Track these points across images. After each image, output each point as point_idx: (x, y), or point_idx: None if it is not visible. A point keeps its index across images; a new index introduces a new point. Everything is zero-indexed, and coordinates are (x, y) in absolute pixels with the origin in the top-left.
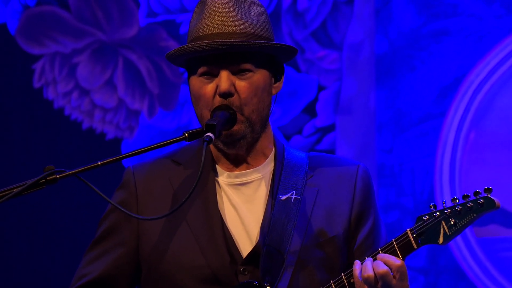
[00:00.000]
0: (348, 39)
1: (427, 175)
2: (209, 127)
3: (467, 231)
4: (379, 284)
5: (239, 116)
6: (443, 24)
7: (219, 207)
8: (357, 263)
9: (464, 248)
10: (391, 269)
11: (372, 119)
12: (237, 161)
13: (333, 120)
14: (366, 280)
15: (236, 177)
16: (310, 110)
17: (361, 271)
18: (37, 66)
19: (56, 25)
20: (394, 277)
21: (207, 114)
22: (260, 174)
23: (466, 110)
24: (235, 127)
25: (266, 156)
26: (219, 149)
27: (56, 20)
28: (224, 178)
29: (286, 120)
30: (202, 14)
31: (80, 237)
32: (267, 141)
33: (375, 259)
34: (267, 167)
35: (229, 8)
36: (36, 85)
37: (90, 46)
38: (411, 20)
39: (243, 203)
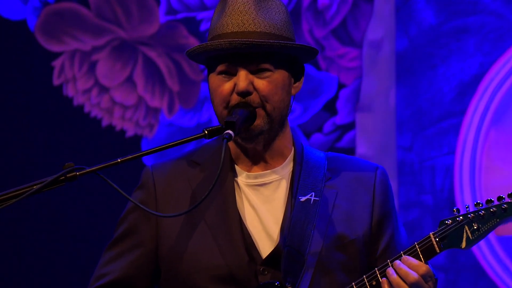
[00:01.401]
0: (368, 36)
1: (447, 173)
2: (229, 124)
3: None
4: None
5: (259, 112)
6: (463, 21)
7: (238, 207)
8: (389, 266)
9: (485, 246)
10: (421, 273)
11: (392, 117)
12: (256, 162)
13: (353, 118)
14: (398, 286)
15: (255, 177)
16: (330, 108)
17: (395, 277)
18: (57, 64)
19: (75, 22)
20: (428, 281)
21: (224, 112)
22: (279, 175)
23: (486, 108)
24: (256, 123)
25: (285, 157)
26: (238, 145)
27: (75, 17)
28: (243, 178)
29: (306, 117)
30: (223, 12)
31: (98, 236)
32: (285, 141)
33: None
34: (286, 168)
35: (249, 7)
36: (56, 82)
37: (110, 43)
38: (431, 18)
39: (262, 204)
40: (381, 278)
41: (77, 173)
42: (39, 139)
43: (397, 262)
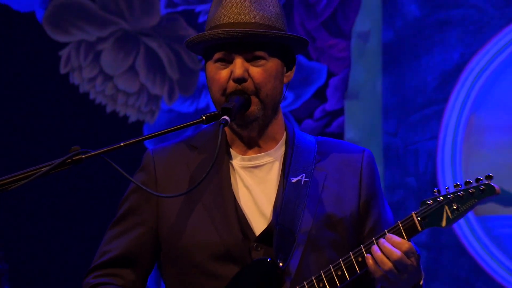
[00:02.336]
0: (356, 28)
1: (429, 156)
2: (225, 111)
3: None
4: (399, 267)
5: (253, 99)
6: (445, 14)
7: (233, 188)
8: (374, 244)
9: (465, 226)
10: (403, 250)
11: (378, 104)
12: (250, 145)
13: (342, 105)
14: (382, 262)
15: (249, 160)
16: (320, 95)
17: (379, 254)
18: (64, 53)
19: (81, 14)
20: (411, 258)
21: (220, 98)
22: (272, 158)
23: (467, 96)
24: (250, 109)
25: (277, 141)
26: (233, 131)
27: (81, 9)
28: (238, 161)
29: (298, 104)
30: (220, 5)
31: (101, 216)
32: (278, 127)
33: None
34: (279, 151)
35: (245, 1)
36: (63, 71)
37: (114, 34)
38: (416, 11)
39: (256, 185)
40: (366, 254)
41: (83, 156)
42: (46, 125)
43: (382, 240)
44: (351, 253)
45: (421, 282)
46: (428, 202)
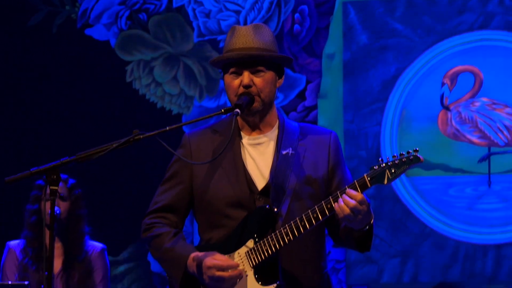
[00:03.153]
0: (325, 51)
1: (375, 137)
2: (237, 106)
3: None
4: (355, 211)
5: (256, 98)
6: (385, 42)
7: (243, 158)
8: (339, 197)
9: (399, 183)
10: (358, 200)
11: (340, 102)
12: (254, 129)
13: (316, 102)
14: (344, 208)
15: (254, 139)
16: (301, 96)
17: (341, 203)
18: (129, 68)
19: (140, 41)
20: (363, 205)
21: (234, 98)
22: (269, 138)
23: (400, 96)
24: (254, 105)
25: (272, 126)
26: (243, 120)
27: (140, 38)
28: (246, 140)
29: (286, 102)
30: (233, 36)
31: (152, 179)
32: (273, 116)
33: (345, 193)
34: (274, 133)
35: (250, 33)
36: (128, 79)
37: (162, 55)
38: (365, 40)
39: (258, 156)
40: (334, 203)
41: (141, 136)
42: (115, 118)
43: (343, 194)
44: (322, 202)
45: (371, 221)
46: (374, 167)
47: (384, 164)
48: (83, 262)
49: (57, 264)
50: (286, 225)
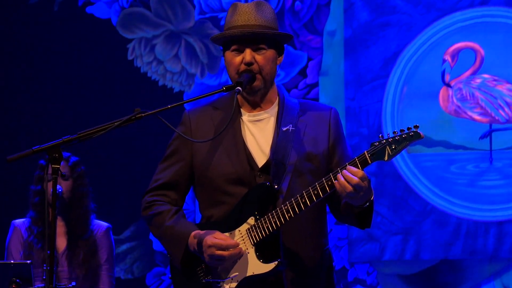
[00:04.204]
0: (326, 28)
1: (376, 114)
2: (239, 83)
3: (403, 150)
4: (357, 188)
5: (258, 76)
6: (386, 19)
7: (243, 135)
8: (339, 173)
9: (400, 160)
10: (359, 177)
11: (341, 79)
12: (254, 106)
13: (317, 80)
14: (344, 185)
15: (254, 116)
16: (302, 73)
17: (342, 179)
18: (130, 46)
19: (142, 19)
20: (364, 181)
21: (235, 76)
22: (269, 114)
23: (401, 73)
24: (255, 83)
25: (272, 102)
26: (243, 97)
27: (142, 16)
28: (246, 117)
29: (288, 79)
30: (234, 13)
31: (153, 157)
32: (273, 93)
33: (346, 170)
34: (274, 109)
35: (251, 9)
36: (130, 57)
37: (164, 33)
38: (367, 16)
39: (259, 133)
40: (334, 180)
41: (143, 114)
42: (118, 96)
43: (344, 170)
44: (323, 178)
45: (371, 198)
46: (375, 143)
47: (384, 140)
48: (88, 240)
49: (62, 243)
50: (287, 202)
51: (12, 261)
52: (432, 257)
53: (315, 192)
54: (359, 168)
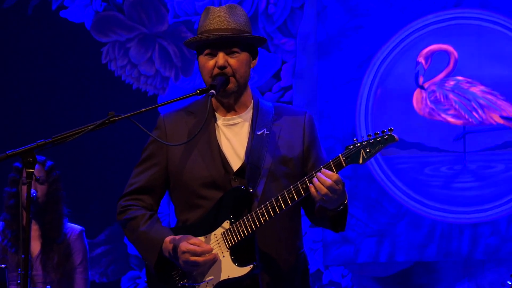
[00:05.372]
0: (300, 31)
1: (350, 116)
2: (212, 87)
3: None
4: (331, 191)
5: (232, 79)
6: (360, 21)
7: (218, 139)
8: (314, 177)
9: (374, 162)
10: (333, 180)
11: (315, 81)
12: (229, 110)
13: (291, 83)
14: (319, 188)
15: (229, 120)
16: (276, 76)
17: (317, 182)
18: (104, 49)
19: (115, 23)
20: (338, 185)
21: (209, 79)
22: (243, 118)
23: (375, 75)
24: (229, 86)
25: (247, 106)
26: (217, 100)
27: (115, 20)
28: (221, 121)
29: (262, 82)
30: (207, 17)
31: (128, 161)
32: (247, 97)
33: (321, 173)
34: (248, 113)
35: (224, 13)
36: (103, 61)
37: (137, 36)
38: (339, 19)
39: (233, 137)
40: (309, 183)
41: (116, 118)
42: (90, 99)
43: (319, 173)
44: (298, 182)
45: (345, 201)
46: (350, 147)
47: (359, 144)
48: (62, 244)
49: (36, 247)
50: (262, 205)
51: None
52: (407, 259)
53: (290, 196)
54: (333, 172)
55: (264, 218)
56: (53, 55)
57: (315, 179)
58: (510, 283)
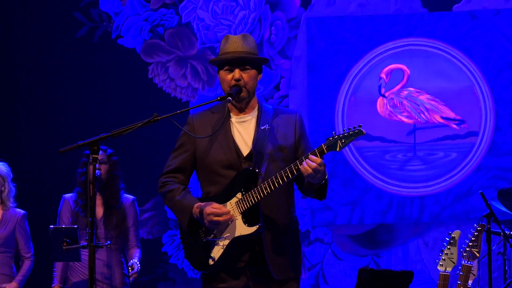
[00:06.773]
0: (294, 54)
1: (331, 117)
2: (229, 95)
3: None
4: (316, 171)
5: (244, 89)
6: (337, 47)
7: (232, 132)
8: (303, 160)
9: (348, 151)
10: (318, 163)
11: (305, 92)
12: (241, 111)
13: (287, 92)
14: (307, 169)
15: (240, 118)
16: (276, 87)
17: (305, 165)
18: (150, 68)
19: (158, 48)
20: (321, 166)
21: (227, 89)
22: (251, 117)
23: (349, 87)
24: (242, 94)
25: (254, 108)
26: (232, 104)
27: (158, 46)
28: (234, 119)
29: (266, 92)
30: (226, 42)
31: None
32: (254, 101)
33: (308, 158)
34: (255, 113)
35: (239, 40)
36: (149, 76)
37: (174, 58)
38: (323, 46)
39: (244, 130)
40: (300, 165)
41: (159, 118)
42: (140, 105)
43: (307, 158)
44: (292, 164)
45: (326, 177)
46: (330, 138)
47: (336, 136)
48: (119, 210)
49: (99, 212)
50: (265, 181)
51: (63, 226)
52: (372, 222)
53: (286, 174)
54: (318, 157)
55: (267, 190)
56: (112, 72)
57: (304, 162)
58: (447, 239)
